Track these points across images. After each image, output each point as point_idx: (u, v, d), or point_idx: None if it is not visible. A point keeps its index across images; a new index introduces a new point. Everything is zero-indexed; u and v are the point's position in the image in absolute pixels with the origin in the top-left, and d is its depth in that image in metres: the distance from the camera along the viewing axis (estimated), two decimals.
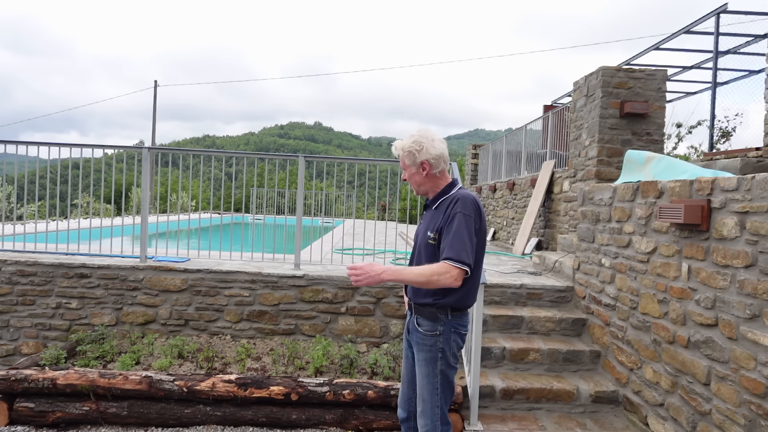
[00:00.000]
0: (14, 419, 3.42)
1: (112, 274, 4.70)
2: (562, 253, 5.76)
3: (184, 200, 17.72)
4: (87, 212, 13.82)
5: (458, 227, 2.14)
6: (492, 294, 4.67)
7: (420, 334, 2.29)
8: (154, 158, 13.87)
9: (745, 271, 2.59)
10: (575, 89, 6.84)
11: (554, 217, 7.55)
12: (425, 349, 2.28)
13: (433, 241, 2.24)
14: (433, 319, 2.27)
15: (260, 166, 27.49)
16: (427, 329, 2.28)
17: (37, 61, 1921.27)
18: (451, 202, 2.24)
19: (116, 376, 3.46)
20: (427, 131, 2.34)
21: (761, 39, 7.98)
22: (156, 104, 22.90)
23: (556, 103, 11.27)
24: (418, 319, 2.30)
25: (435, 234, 2.23)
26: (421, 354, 2.30)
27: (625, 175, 4.19)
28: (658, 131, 6.13)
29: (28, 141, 5.23)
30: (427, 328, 2.28)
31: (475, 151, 13.89)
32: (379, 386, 3.46)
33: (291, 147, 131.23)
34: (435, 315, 2.26)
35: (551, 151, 8.12)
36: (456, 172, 4.78)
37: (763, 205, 2.48)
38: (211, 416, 3.43)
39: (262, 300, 4.70)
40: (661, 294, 3.33)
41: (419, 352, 2.31)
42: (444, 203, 2.29)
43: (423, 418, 2.31)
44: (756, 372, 2.50)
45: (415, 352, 2.35)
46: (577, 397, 3.75)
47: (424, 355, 2.29)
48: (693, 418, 2.97)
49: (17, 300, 4.68)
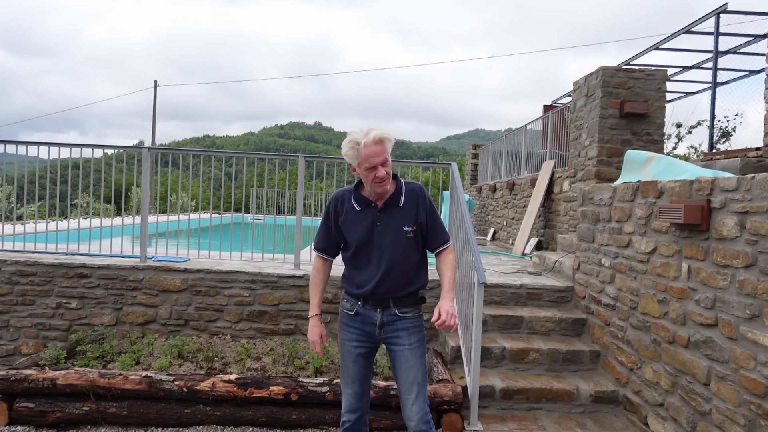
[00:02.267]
0: (14, 419, 3.42)
1: (112, 274, 4.70)
2: (562, 253, 5.76)
3: (184, 200, 17.72)
4: (87, 212, 13.82)
5: (436, 212, 2.42)
6: (492, 294, 4.67)
7: (408, 320, 2.38)
8: (154, 158, 13.87)
9: (745, 271, 2.59)
10: (575, 89, 6.84)
11: (554, 217, 7.55)
12: (416, 331, 2.39)
13: (411, 234, 2.33)
14: (417, 302, 2.42)
15: (260, 166, 27.49)
16: (415, 313, 2.41)
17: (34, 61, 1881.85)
18: (418, 195, 2.37)
19: (116, 376, 3.46)
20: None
21: (761, 39, 7.98)
22: (156, 104, 22.90)
23: (556, 103, 11.27)
24: (401, 309, 2.38)
25: (414, 227, 2.33)
26: (413, 338, 2.38)
27: (625, 175, 4.19)
28: (657, 131, 6.13)
29: (27, 141, 5.23)
30: (414, 312, 2.41)
31: (475, 151, 13.89)
32: (379, 386, 3.46)
33: (291, 147, 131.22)
34: (417, 298, 2.42)
35: (551, 151, 8.13)
36: (456, 172, 4.79)
37: (763, 205, 2.48)
38: (211, 416, 3.43)
39: (262, 300, 4.70)
40: (660, 294, 3.33)
41: (411, 336, 2.37)
42: (410, 197, 2.36)
43: (420, 403, 2.30)
44: (756, 372, 2.51)
45: (403, 342, 2.37)
46: (576, 397, 3.75)
47: (417, 337, 2.38)
48: (693, 418, 2.97)
49: (17, 300, 4.68)
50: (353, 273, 2.41)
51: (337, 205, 2.38)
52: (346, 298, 2.43)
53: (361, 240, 2.32)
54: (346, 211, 2.36)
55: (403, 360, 2.35)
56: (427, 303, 2.82)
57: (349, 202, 2.36)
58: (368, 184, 2.26)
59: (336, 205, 2.38)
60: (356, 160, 2.19)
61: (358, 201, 2.35)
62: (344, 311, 2.43)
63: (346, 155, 2.23)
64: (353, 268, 2.41)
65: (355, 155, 2.19)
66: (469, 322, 3.60)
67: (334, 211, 2.38)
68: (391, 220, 2.32)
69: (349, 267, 2.44)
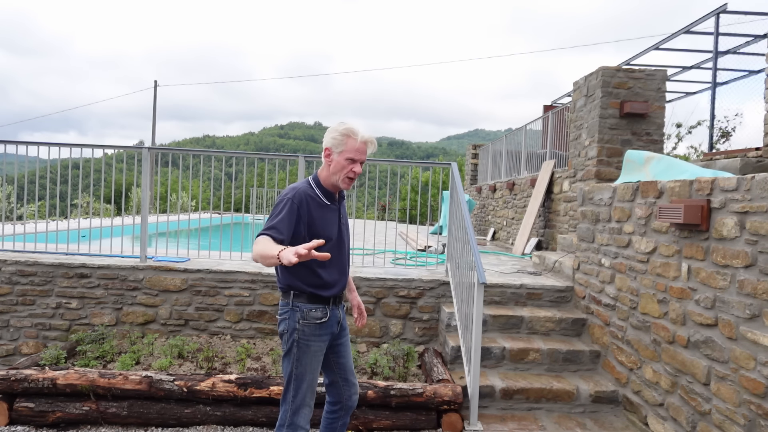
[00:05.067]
0: (14, 419, 3.42)
1: (112, 274, 4.70)
2: (562, 253, 5.76)
3: (184, 200, 17.72)
4: (87, 212, 13.82)
5: None
6: (492, 294, 4.67)
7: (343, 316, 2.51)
8: (154, 158, 13.87)
9: (745, 271, 2.59)
10: (575, 89, 6.84)
11: (554, 217, 7.55)
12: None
13: None
14: None
15: (260, 166, 27.48)
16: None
17: (32, 61, 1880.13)
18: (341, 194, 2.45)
19: (116, 376, 3.46)
20: None
21: (761, 39, 7.98)
22: (156, 104, 22.90)
23: (555, 103, 11.27)
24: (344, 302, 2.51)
25: None
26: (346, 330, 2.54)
27: (625, 175, 4.19)
28: (657, 131, 6.13)
29: (28, 141, 5.22)
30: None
31: (475, 151, 13.89)
32: (379, 386, 3.46)
33: (291, 147, 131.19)
34: None
35: (551, 151, 8.13)
36: (456, 172, 4.79)
37: (762, 205, 2.48)
38: (211, 416, 3.43)
39: (262, 300, 4.70)
40: (660, 294, 3.33)
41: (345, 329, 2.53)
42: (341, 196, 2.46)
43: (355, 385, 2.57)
44: (756, 372, 2.51)
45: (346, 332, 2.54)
46: (576, 397, 3.75)
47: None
48: (693, 418, 2.97)
49: (17, 300, 4.68)
50: (321, 274, 2.27)
51: (302, 205, 2.21)
52: (314, 307, 2.27)
53: (334, 236, 2.33)
54: (315, 208, 2.25)
55: (347, 347, 2.53)
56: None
57: (314, 199, 2.26)
58: (338, 174, 2.25)
59: (302, 205, 2.21)
60: (341, 147, 2.22)
61: (325, 195, 2.31)
62: (313, 323, 2.26)
63: (334, 139, 2.23)
64: (321, 268, 2.26)
65: (343, 142, 2.22)
66: (469, 322, 3.60)
67: (307, 212, 2.22)
68: (344, 214, 2.45)
69: (312, 269, 2.25)
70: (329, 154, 2.25)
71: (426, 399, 3.42)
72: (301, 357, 2.26)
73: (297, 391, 2.27)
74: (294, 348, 2.25)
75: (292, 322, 2.25)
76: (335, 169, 2.25)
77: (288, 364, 2.27)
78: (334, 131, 2.24)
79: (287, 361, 2.28)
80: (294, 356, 2.25)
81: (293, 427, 2.27)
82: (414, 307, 4.69)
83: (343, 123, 2.28)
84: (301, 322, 2.25)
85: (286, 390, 2.29)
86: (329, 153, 2.25)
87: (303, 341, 2.26)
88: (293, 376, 2.27)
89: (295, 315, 2.25)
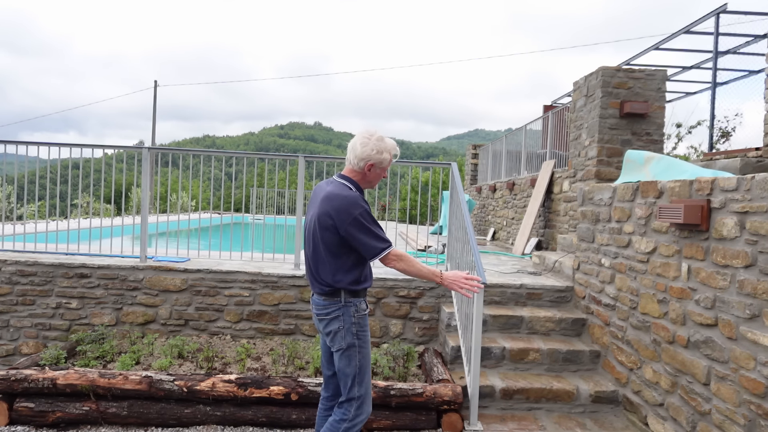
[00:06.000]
0: (14, 419, 3.42)
1: (112, 274, 4.70)
2: (562, 253, 5.76)
3: (184, 200, 17.72)
4: (87, 212, 13.82)
5: None
6: (492, 294, 4.67)
7: None
8: (154, 158, 13.87)
9: (745, 271, 2.59)
10: (575, 89, 6.84)
11: (554, 217, 7.55)
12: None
13: None
14: None
15: (260, 166, 27.49)
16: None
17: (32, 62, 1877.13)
18: None
19: (116, 376, 3.46)
20: None
21: (761, 39, 7.98)
22: (156, 104, 22.90)
23: (555, 103, 11.27)
24: None
25: None
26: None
27: (625, 175, 4.19)
28: (657, 131, 6.13)
29: (28, 141, 5.23)
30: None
31: (475, 151, 13.89)
32: (379, 386, 3.46)
33: (291, 147, 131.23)
34: None
35: (551, 151, 8.12)
36: (456, 172, 4.79)
37: (762, 205, 2.48)
38: (211, 416, 3.43)
39: (262, 300, 4.70)
40: (660, 294, 3.33)
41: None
42: None
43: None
44: (756, 372, 2.51)
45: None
46: (576, 397, 3.75)
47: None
48: (693, 418, 2.97)
49: (17, 300, 4.68)
50: (366, 270, 2.45)
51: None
52: (361, 300, 2.42)
53: None
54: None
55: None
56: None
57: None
58: (373, 183, 2.47)
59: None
60: (383, 164, 2.42)
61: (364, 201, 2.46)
62: (363, 314, 2.43)
63: (382, 157, 2.38)
64: (364, 266, 2.43)
65: (387, 161, 2.42)
66: (469, 322, 3.60)
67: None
68: None
69: (361, 266, 2.42)
70: (372, 166, 2.39)
71: (426, 399, 3.42)
72: (362, 347, 2.41)
73: (363, 380, 2.41)
74: (356, 341, 2.39)
75: (347, 317, 2.37)
76: (374, 179, 2.45)
77: (352, 358, 2.39)
78: (383, 152, 2.38)
79: (349, 356, 2.38)
80: (357, 348, 2.39)
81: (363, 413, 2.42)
82: (414, 307, 4.70)
83: (387, 140, 2.41)
84: (356, 315, 2.39)
85: (352, 384, 2.39)
86: (369, 166, 2.39)
87: (361, 333, 2.41)
88: (359, 368, 2.40)
89: (349, 310, 2.38)
